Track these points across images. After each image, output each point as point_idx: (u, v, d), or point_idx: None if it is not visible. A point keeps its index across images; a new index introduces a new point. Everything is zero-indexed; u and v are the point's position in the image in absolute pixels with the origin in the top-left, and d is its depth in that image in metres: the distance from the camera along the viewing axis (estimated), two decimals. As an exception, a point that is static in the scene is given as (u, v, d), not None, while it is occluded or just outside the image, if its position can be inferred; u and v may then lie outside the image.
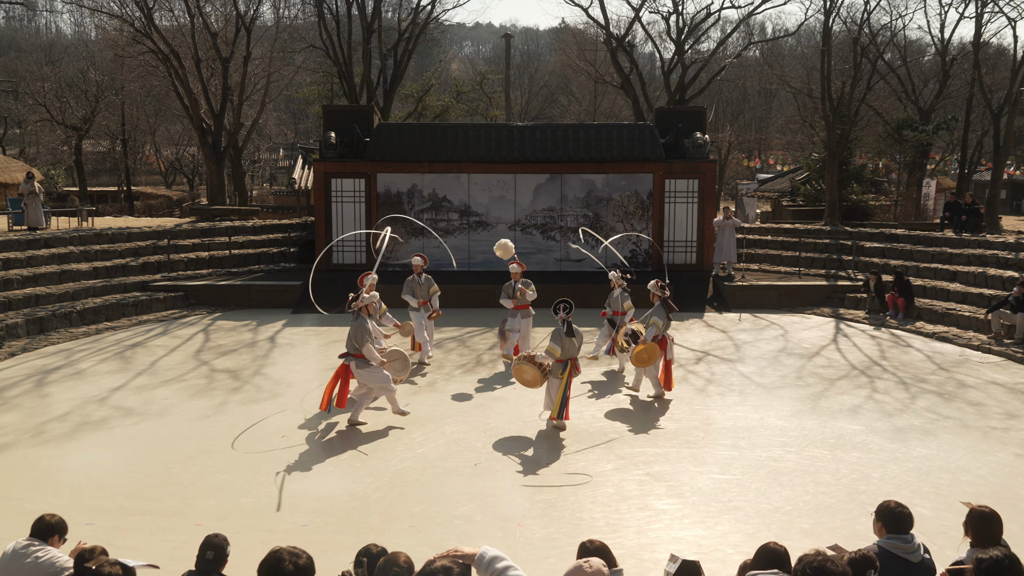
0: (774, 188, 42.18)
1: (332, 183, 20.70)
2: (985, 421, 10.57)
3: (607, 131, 21.07)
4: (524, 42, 79.86)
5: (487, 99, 48.21)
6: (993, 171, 26.90)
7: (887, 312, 17.28)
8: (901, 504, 4.53)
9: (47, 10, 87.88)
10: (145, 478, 8.57)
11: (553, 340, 9.96)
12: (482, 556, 3.61)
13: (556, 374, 9.95)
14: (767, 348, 14.72)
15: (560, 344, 9.90)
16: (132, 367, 13.21)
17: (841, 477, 8.66)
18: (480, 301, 18.01)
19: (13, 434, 9.93)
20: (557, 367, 9.95)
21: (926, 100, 33.02)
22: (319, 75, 39.30)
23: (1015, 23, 34.60)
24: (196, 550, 4.57)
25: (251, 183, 46.29)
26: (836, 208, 25.67)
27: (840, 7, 27.58)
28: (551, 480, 8.59)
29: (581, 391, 11.89)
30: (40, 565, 4.79)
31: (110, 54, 36.37)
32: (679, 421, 10.58)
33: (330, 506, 7.88)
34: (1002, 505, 6.17)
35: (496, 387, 12.16)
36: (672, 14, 31.12)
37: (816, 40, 37.24)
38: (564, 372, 9.91)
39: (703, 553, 6.89)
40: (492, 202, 20.74)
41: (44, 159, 45.51)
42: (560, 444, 9.68)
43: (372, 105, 25.69)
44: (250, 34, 28.41)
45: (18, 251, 17.93)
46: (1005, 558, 3.88)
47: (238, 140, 31.05)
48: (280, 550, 4.02)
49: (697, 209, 20.72)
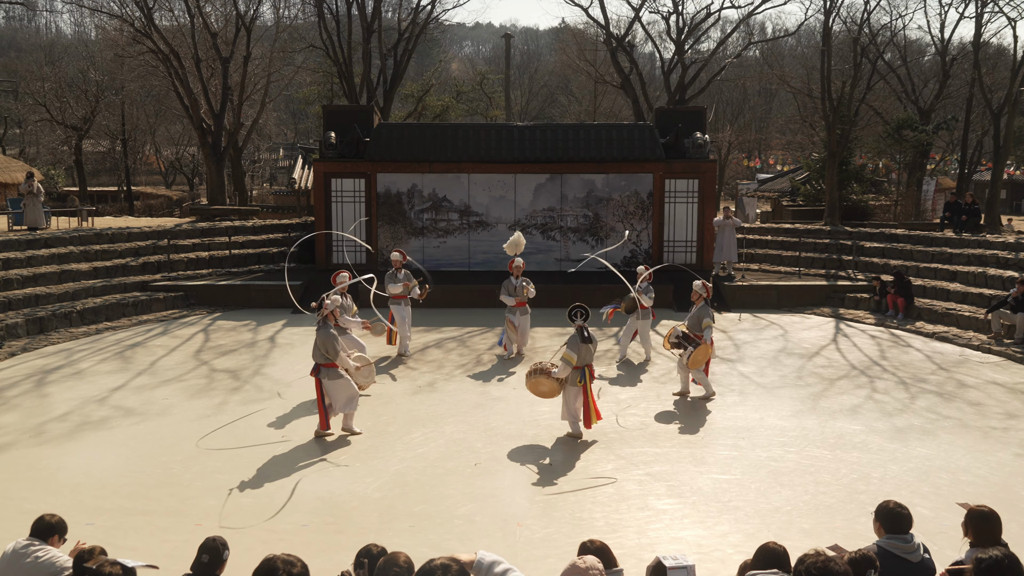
0: (774, 188, 42.17)
1: (332, 183, 20.70)
2: (985, 421, 10.58)
3: (607, 131, 21.07)
4: (524, 42, 79.88)
5: (487, 99, 48.20)
6: (993, 171, 26.90)
7: (887, 312, 17.29)
8: (900, 504, 4.53)
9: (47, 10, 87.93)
10: (145, 478, 8.56)
11: (570, 347, 9.64)
12: (480, 561, 3.60)
13: (574, 382, 9.69)
14: (767, 348, 14.72)
15: (577, 351, 9.62)
16: (132, 367, 13.21)
17: (841, 477, 8.66)
18: (480, 301, 18.01)
19: (13, 434, 9.93)
20: (575, 375, 9.66)
21: (926, 100, 33.02)
22: (319, 75, 39.28)
23: (1015, 23, 34.60)
24: (196, 550, 4.56)
25: (251, 183, 46.28)
26: (836, 208, 25.67)
27: (840, 7, 27.59)
28: (551, 480, 8.59)
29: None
30: (40, 565, 4.79)
31: (110, 54, 36.36)
32: (679, 421, 10.58)
33: (330, 506, 7.88)
34: (1002, 505, 6.18)
35: (496, 387, 12.16)
36: (672, 14, 31.16)
37: (816, 40, 37.26)
38: (582, 380, 9.64)
39: (703, 553, 6.90)
40: (492, 202, 20.74)
41: (44, 159, 45.50)
42: (560, 444, 9.68)
43: (372, 105, 25.69)
44: (250, 34, 28.41)
45: (18, 251, 17.93)
46: (1005, 558, 3.89)
47: (238, 140, 31.05)
48: (275, 558, 3.97)
49: (697, 209, 20.72)
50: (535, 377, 9.83)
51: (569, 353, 9.62)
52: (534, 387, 9.92)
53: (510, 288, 13.51)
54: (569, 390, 9.76)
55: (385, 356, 13.89)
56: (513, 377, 12.65)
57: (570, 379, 9.69)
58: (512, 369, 13.15)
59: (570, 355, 9.61)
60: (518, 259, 13.56)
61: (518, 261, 13.53)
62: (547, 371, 9.76)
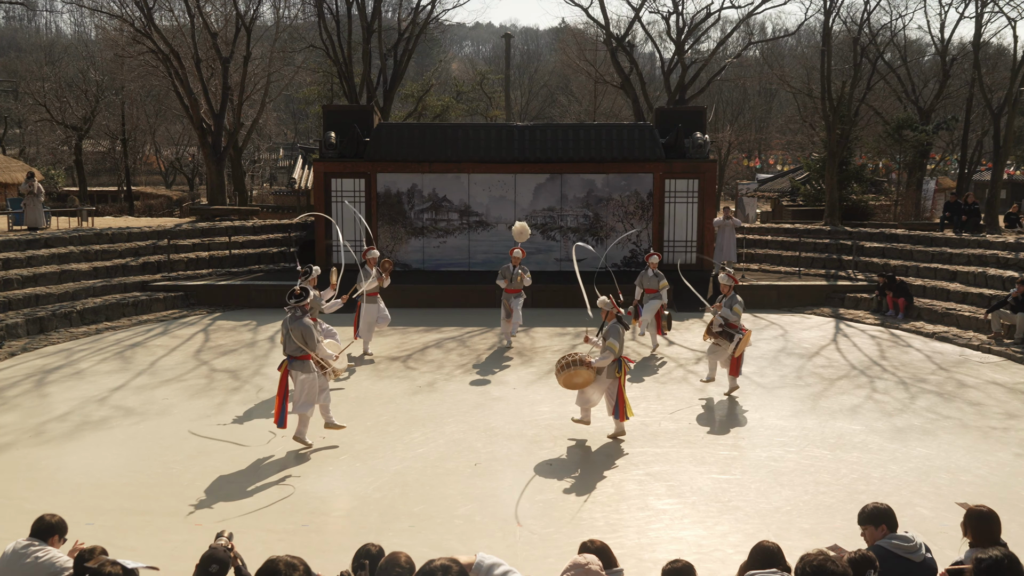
0: (774, 188, 42.16)
1: (332, 183, 20.71)
2: (985, 421, 10.58)
3: (607, 131, 21.07)
4: (524, 42, 79.84)
5: (487, 99, 48.22)
6: (993, 171, 26.88)
7: (887, 312, 17.29)
8: (879, 502, 4.65)
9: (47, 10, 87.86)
10: (145, 478, 8.56)
11: (613, 335, 9.27)
12: (480, 564, 3.59)
13: (612, 374, 9.37)
14: (767, 348, 14.72)
15: (620, 339, 9.30)
16: (132, 367, 13.21)
17: (841, 477, 8.67)
18: (480, 301, 18.01)
19: (13, 434, 9.93)
20: (613, 366, 9.37)
21: (926, 100, 33.00)
22: (319, 75, 39.30)
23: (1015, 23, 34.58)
24: (196, 550, 4.53)
25: (251, 183, 46.26)
26: (836, 208, 25.66)
27: (840, 7, 27.59)
28: (551, 480, 8.59)
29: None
30: (40, 565, 4.79)
31: (110, 54, 36.33)
32: (679, 421, 10.58)
33: (330, 506, 7.88)
34: (1002, 505, 6.18)
35: (496, 387, 12.16)
36: (672, 14, 31.15)
37: (816, 40, 37.24)
38: (619, 371, 9.40)
39: (703, 553, 6.90)
40: (492, 202, 20.74)
41: (44, 159, 45.50)
42: (560, 444, 9.67)
43: (372, 105, 25.69)
44: (250, 34, 28.39)
45: (18, 251, 17.93)
46: (1004, 558, 3.89)
47: (238, 140, 31.04)
48: (277, 560, 3.94)
49: (697, 209, 20.73)
50: (573, 368, 9.27)
51: (613, 342, 9.31)
52: (569, 379, 9.40)
53: (507, 273, 14.36)
54: (603, 381, 9.47)
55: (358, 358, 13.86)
56: (513, 377, 12.65)
57: (607, 370, 9.42)
58: (507, 363, 13.14)
59: (613, 343, 9.31)
60: (517, 250, 14.45)
61: (517, 252, 14.43)
62: (586, 361, 9.32)
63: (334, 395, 11.54)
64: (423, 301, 18.40)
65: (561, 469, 8.90)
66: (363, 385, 12.19)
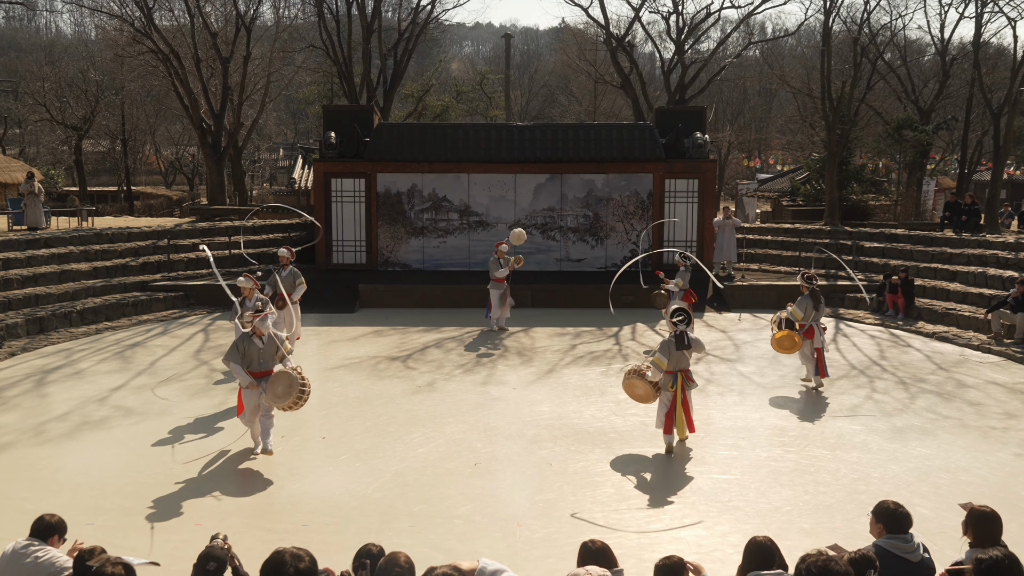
0: (774, 188, 42.14)
1: (332, 183, 20.70)
2: (985, 421, 10.58)
3: (607, 131, 21.07)
4: (524, 42, 79.85)
5: (487, 99, 48.20)
6: (993, 171, 26.88)
7: (887, 312, 17.29)
8: (899, 504, 4.53)
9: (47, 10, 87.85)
10: (145, 478, 8.56)
11: (661, 351, 9.34)
12: (482, 570, 3.58)
13: (666, 387, 9.35)
14: (767, 348, 14.69)
15: (668, 355, 9.34)
16: (132, 367, 13.21)
17: (841, 477, 8.67)
18: (480, 301, 17.98)
19: (13, 434, 9.93)
20: (667, 379, 9.34)
21: (926, 100, 33.01)
22: (319, 75, 39.28)
23: (1015, 23, 34.58)
24: (196, 550, 4.53)
25: (251, 183, 46.23)
26: (836, 208, 25.66)
27: (840, 7, 27.58)
28: (551, 480, 8.59)
29: (581, 391, 11.89)
30: (40, 565, 4.78)
31: (110, 54, 36.35)
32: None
33: (330, 506, 7.88)
34: (1002, 505, 6.18)
35: (496, 387, 12.15)
36: (672, 14, 31.14)
37: (816, 40, 37.23)
38: (675, 385, 9.35)
39: (703, 553, 6.90)
40: (492, 202, 20.74)
41: (44, 159, 45.48)
42: (560, 444, 9.67)
43: (372, 105, 25.69)
44: (250, 34, 28.38)
45: (18, 251, 17.93)
46: (1005, 558, 3.88)
47: (238, 140, 31.02)
48: (283, 552, 3.97)
49: (697, 209, 20.72)
50: (631, 379, 9.49)
51: (660, 357, 9.33)
52: (629, 388, 9.58)
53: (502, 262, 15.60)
54: (664, 395, 9.44)
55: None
56: (513, 377, 12.65)
57: (662, 384, 9.40)
58: (499, 352, 13.15)
59: (660, 359, 9.33)
60: (503, 245, 15.71)
61: (503, 246, 15.69)
62: (642, 373, 9.45)
63: (334, 395, 11.59)
64: (423, 301, 18.40)
65: (561, 469, 8.90)
66: (363, 385, 12.19)
